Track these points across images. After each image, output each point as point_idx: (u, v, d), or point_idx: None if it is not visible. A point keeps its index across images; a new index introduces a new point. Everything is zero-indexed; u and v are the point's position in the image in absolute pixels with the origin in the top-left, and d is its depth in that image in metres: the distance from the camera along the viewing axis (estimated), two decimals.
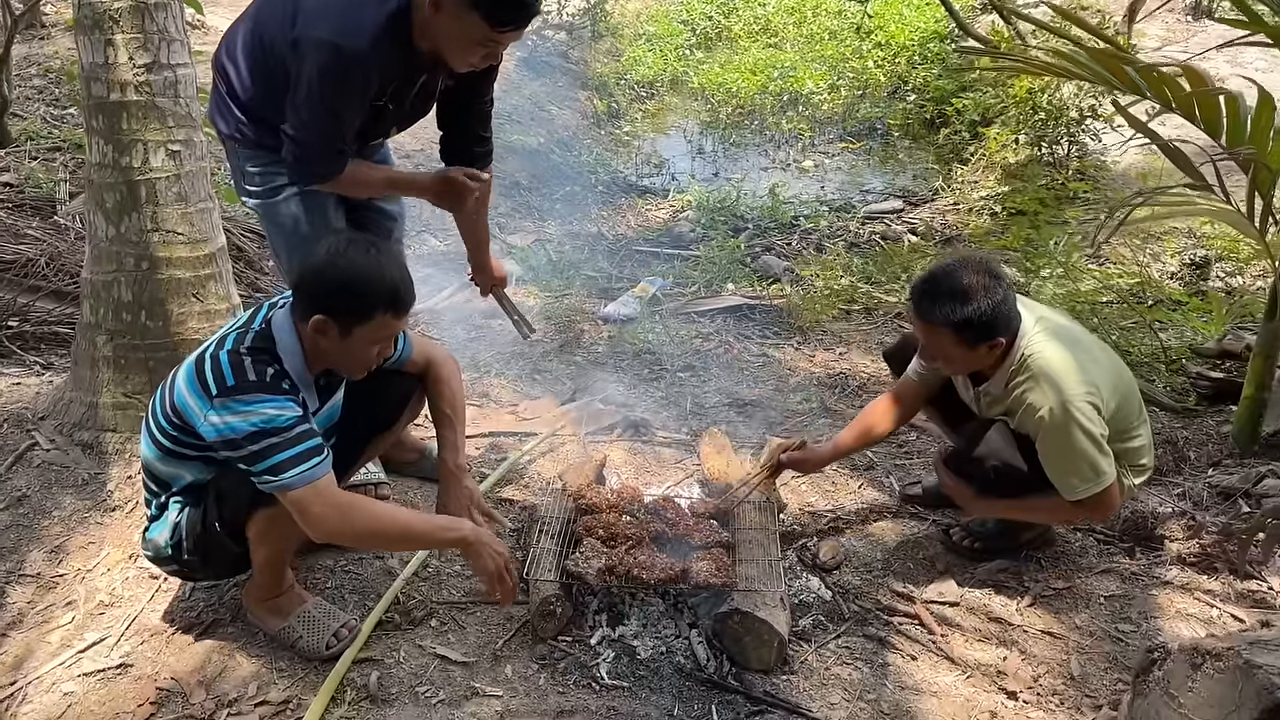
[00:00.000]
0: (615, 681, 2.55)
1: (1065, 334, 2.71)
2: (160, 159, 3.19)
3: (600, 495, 3.00)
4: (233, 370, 2.20)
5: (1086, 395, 2.58)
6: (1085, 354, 2.68)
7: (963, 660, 2.65)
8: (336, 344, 2.29)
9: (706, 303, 5.22)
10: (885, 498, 3.42)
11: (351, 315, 2.25)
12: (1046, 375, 2.61)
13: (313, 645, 2.56)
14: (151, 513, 2.49)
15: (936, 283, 2.62)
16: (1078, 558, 3.07)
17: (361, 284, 2.24)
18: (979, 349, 2.62)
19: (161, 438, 2.35)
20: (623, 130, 8.82)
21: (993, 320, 2.57)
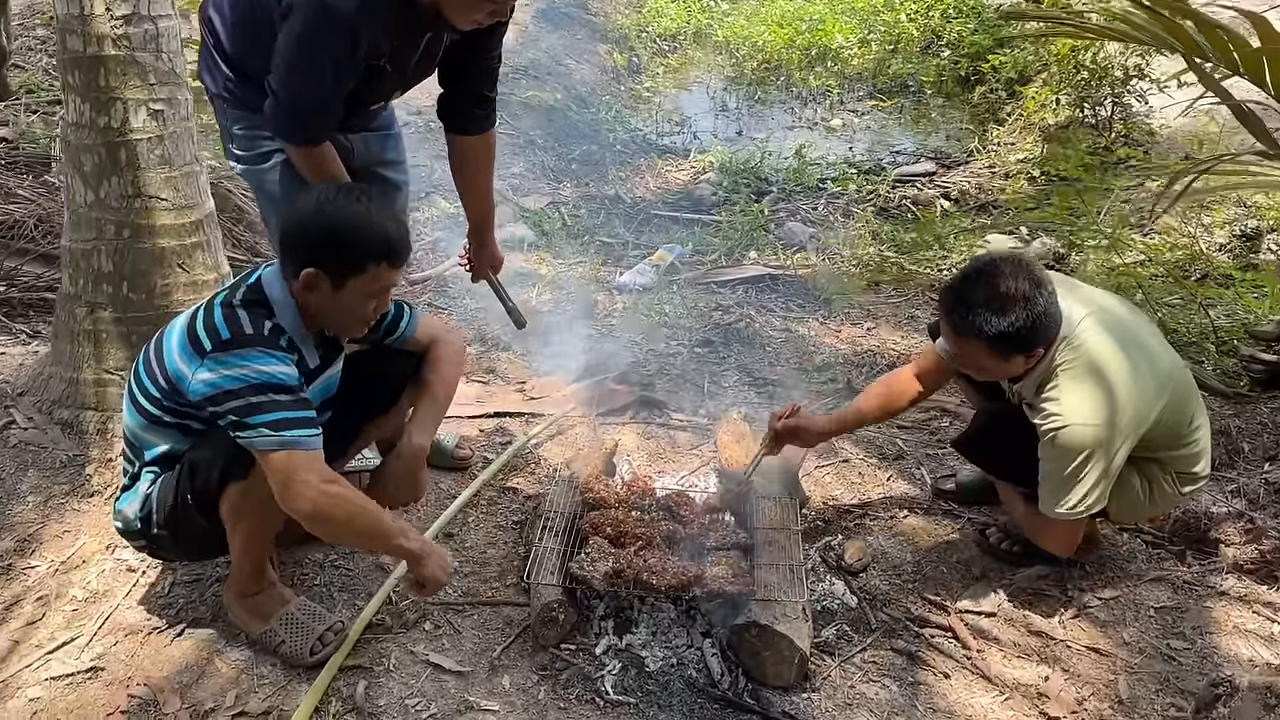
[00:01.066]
0: (621, 696, 2.35)
1: (1112, 338, 2.44)
2: (141, 119, 2.96)
3: (609, 489, 2.79)
4: (227, 324, 2.09)
5: (1106, 423, 2.34)
6: (1128, 364, 2.40)
7: (1000, 679, 2.43)
8: (329, 299, 2.16)
9: (727, 272, 4.96)
10: (916, 491, 3.19)
11: (343, 266, 2.12)
12: (1073, 391, 2.37)
13: (297, 651, 2.38)
14: (125, 481, 2.35)
15: (971, 289, 2.35)
16: (1125, 563, 2.84)
17: (351, 233, 2.10)
18: (1014, 360, 2.38)
19: (145, 401, 2.20)
20: (643, 86, 8.49)
21: (1031, 333, 2.31)
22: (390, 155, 2.96)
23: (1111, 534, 2.94)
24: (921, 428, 3.59)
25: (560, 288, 4.68)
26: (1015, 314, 2.27)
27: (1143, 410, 2.39)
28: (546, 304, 4.53)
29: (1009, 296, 2.28)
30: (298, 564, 2.69)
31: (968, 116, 8.10)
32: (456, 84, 2.81)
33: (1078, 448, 2.33)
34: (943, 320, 2.43)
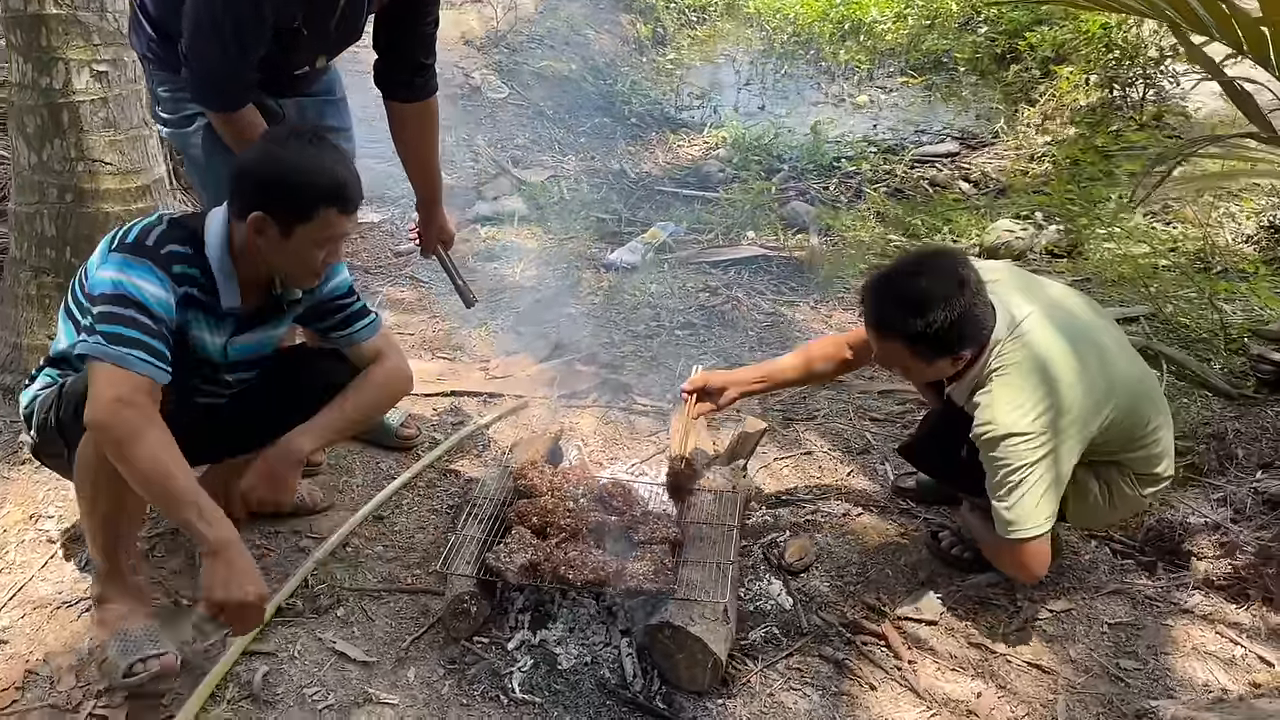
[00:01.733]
0: (527, 695, 2.25)
1: (1057, 335, 2.27)
2: (84, 80, 2.91)
3: (542, 476, 2.68)
4: (141, 230, 2.07)
5: (1045, 426, 2.18)
6: (1074, 362, 2.24)
7: (930, 694, 2.29)
8: (277, 244, 2.06)
9: (721, 252, 4.81)
10: (876, 488, 3.04)
11: (291, 212, 2.03)
12: (1007, 396, 2.20)
13: (113, 666, 2.17)
14: (33, 373, 2.30)
15: (888, 287, 2.23)
16: (1085, 574, 2.67)
17: (300, 176, 2.01)
18: (938, 363, 2.24)
19: (70, 302, 2.18)
20: (666, 58, 8.30)
21: (952, 334, 2.16)
22: (331, 121, 2.87)
23: (1077, 542, 2.78)
24: (895, 420, 3.44)
25: (546, 264, 4.58)
26: (935, 314, 2.13)
27: (1089, 410, 2.23)
28: (528, 280, 4.42)
29: (929, 296, 2.14)
30: None
31: (1000, 96, 7.82)
32: (392, 50, 2.71)
33: (1014, 457, 2.18)
34: (862, 316, 2.29)
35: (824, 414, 3.46)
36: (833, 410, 3.48)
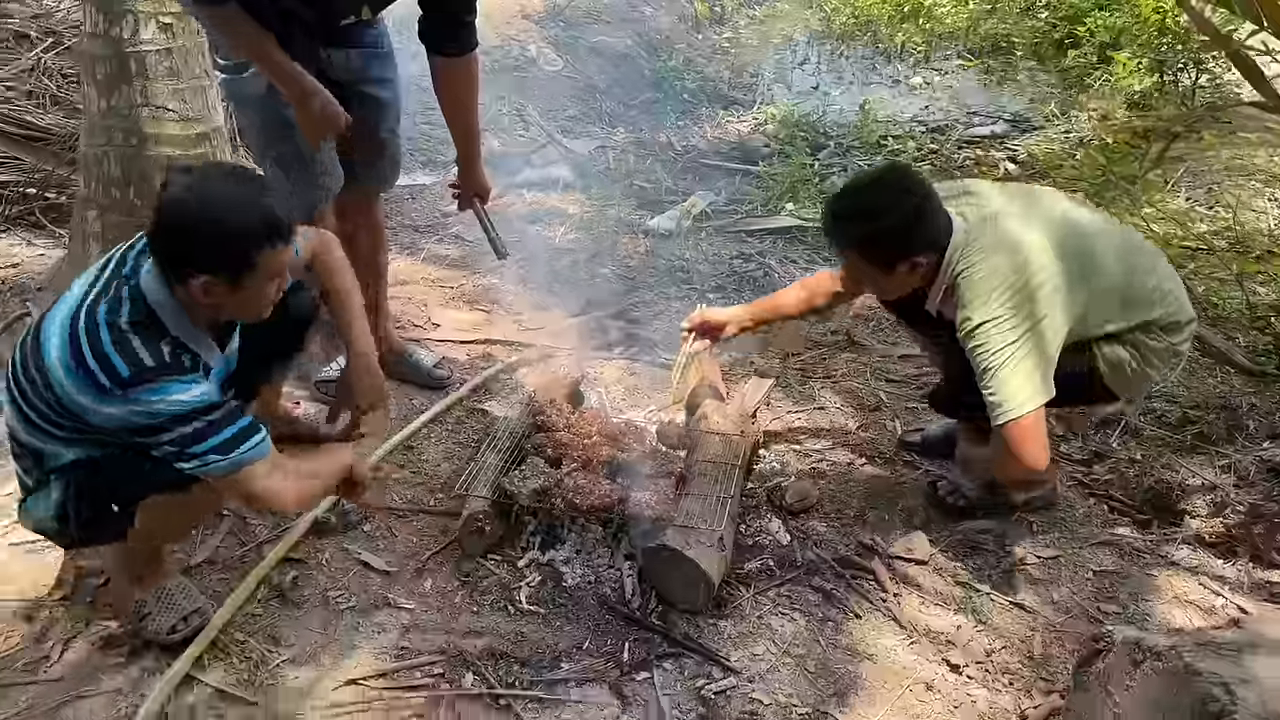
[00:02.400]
0: (533, 607, 2.43)
1: (1018, 221, 2.36)
2: (151, 31, 3.13)
3: (560, 415, 2.85)
4: (122, 356, 1.85)
5: (1019, 304, 2.25)
6: (1040, 246, 2.32)
7: (912, 624, 2.42)
8: (228, 298, 1.94)
9: (758, 222, 4.93)
10: (883, 442, 3.16)
11: (235, 266, 1.90)
12: (977, 285, 2.29)
13: (157, 626, 2.27)
14: (28, 483, 2.14)
15: (840, 203, 2.37)
16: (1078, 526, 2.77)
17: (233, 230, 1.86)
18: (896, 271, 2.34)
19: (32, 414, 1.99)
20: (722, 36, 8.40)
21: (903, 237, 2.28)
22: (376, 73, 3.01)
23: (1074, 497, 2.87)
24: (910, 382, 3.54)
25: (585, 228, 4.73)
26: (884, 219, 2.28)
27: (1067, 280, 2.30)
28: (567, 242, 4.58)
29: (874, 203, 2.30)
30: None
31: (1056, 80, 7.80)
32: (434, 5, 2.85)
33: (990, 342, 2.25)
34: (825, 235, 2.44)
35: (841, 373, 3.58)
36: (850, 370, 3.60)
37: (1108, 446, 3.14)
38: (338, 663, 2.26)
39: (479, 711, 2.16)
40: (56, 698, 2.15)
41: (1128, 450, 3.11)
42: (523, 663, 2.27)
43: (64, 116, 4.76)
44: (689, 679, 2.26)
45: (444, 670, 2.25)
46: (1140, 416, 3.30)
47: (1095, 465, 3.04)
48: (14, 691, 2.16)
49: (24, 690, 2.17)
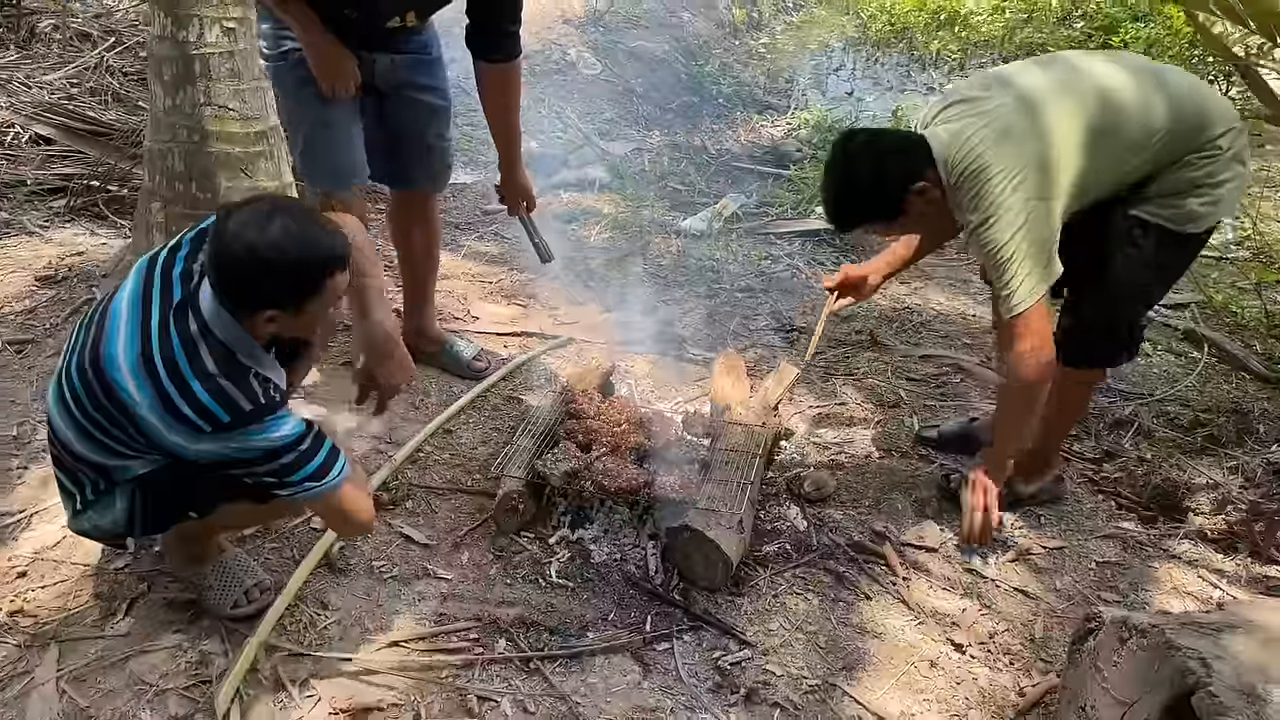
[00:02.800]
0: (562, 581, 2.59)
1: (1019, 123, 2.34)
2: (215, 34, 3.31)
3: (591, 403, 3.01)
4: (221, 405, 1.90)
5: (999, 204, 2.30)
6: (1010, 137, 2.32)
7: (919, 606, 2.55)
8: (292, 324, 2.01)
9: (788, 224, 5.08)
10: (901, 437, 3.29)
11: (298, 297, 1.96)
12: (958, 197, 2.37)
13: (219, 601, 2.41)
14: (86, 497, 2.19)
15: (824, 198, 2.49)
16: (1084, 520, 2.89)
17: (297, 264, 1.92)
18: (910, 210, 2.43)
19: (100, 435, 2.05)
20: (759, 42, 8.55)
21: (880, 190, 2.39)
22: (423, 80, 3.16)
23: (1078, 490, 2.99)
24: (930, 380, 3.67)
25: (620, 227, 4.90)
26: (854, 192, 2.41)
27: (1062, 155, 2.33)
28: (601, 241, 4.75)
29: (839, 185, 2.42)
30: None
31: None
32: (480, 13, 2.99)
33: (992, 240, 2.31)
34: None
35: (863, 371, 3.71)
36: (872, 369, 3.73)
37: (1119, 446, 3.25)
38: (381, 626, 2.43)
39: (510, 674, 2.32)
40: (123, 651, 2.33)
41: (1139, 450, 3.22)
42: (552, 631, 2.43)
43: (125, 112, 5.01)
44: (707, 650, 2.40)
45: (478, 636, 2.41)
46: (1153, 419, 3.41)
47: (1105, 463, 3.16)
48: (83, 645, 2.35)
49: (93, 644, 2.35)
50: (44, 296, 3.66)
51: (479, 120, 6.16)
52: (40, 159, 4.70)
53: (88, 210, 4.45)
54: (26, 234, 4.22)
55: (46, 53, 5.81)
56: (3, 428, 3.03)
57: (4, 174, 4.54)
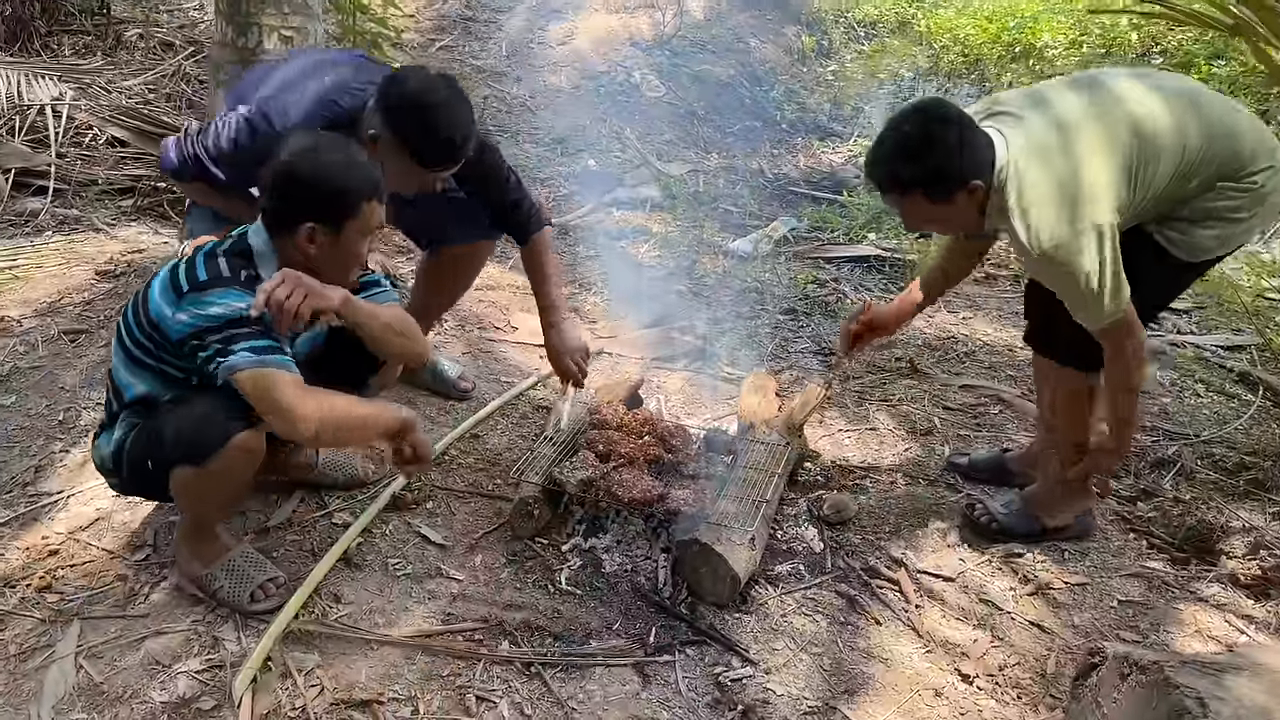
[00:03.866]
0: (571, 588, 2.60)
1: (1047, 136, 2.34)
2: (273, 42, 3.44)
3: (615, 414, 3.02)
4: (206, 268, 2.16)
5: (1070, 228, 2.27)
6: (1079, 156, 2.31)
7: (929, 635, 2.51)
8: (328, 248, 2.21)
9: (838, 249, 5.05)
10: (930, 464, 3.24)
11: (340, 213, 2.18)
12: (1026, 219, 2.31)
13: (234, 596, 2.45)
14: (104, 419, 2.43)
15: (881, 146, 2.39)
16: (1111, 557, 2.82)
17: (341, 180, 2.16)
18: (956, 200, 2.36)
19: (129, 343, 2.28)
20: (828, 69, 8.52)
21: (952, 166, 2.30)
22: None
23: (1105, 526, 2.92)
24: (967, 410, 3.61)
25: (668, 246, 4.93)
26: (928, 155, 2.30)
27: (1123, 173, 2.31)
28: (649, 259, 4.78)
29: (916, 138, 2.32)
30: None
31: None
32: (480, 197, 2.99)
33: (1065, 266, 2.28)
34: (879, 190, 2.47)
35: (898, 398, 3.67)
36: (908, 396, 3.69)
37: (1158, 486, 3.16)
38: (390, 622, 2.46)
39: (511, 676, 2.33)
40: (141, 631, 2.40)
41: (1177, 490, 3.13)
42: (556, 636, 2.45)
43: (197, 117, 5.18)
44: (708, 665, 2.39)
45: (483, 637, 2.44)
46: (1196, 460, 3.31)
47: (1140, 502, 3.07)
48: (104, 623, 2.42)
49: (114, 623, 2.42)
50: (102, 290, 3.81)
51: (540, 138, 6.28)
52: (113, 160, 4.89)
53: (153, 210, 4.62)
54: (94, 230, 4.40)
55: (130, 59, 6.06)
56: (51, 412, 3.16)
57: (78, 173, 4.73)
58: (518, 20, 8.22)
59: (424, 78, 2.57)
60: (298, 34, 3.46)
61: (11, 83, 5.08)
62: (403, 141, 2.54)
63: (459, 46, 7.79)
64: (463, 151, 2.58)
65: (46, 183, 4.66)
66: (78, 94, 5.18)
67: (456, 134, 2.54)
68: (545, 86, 7.12)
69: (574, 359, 2.94)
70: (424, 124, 2.52)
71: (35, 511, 2.76)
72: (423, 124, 2.52)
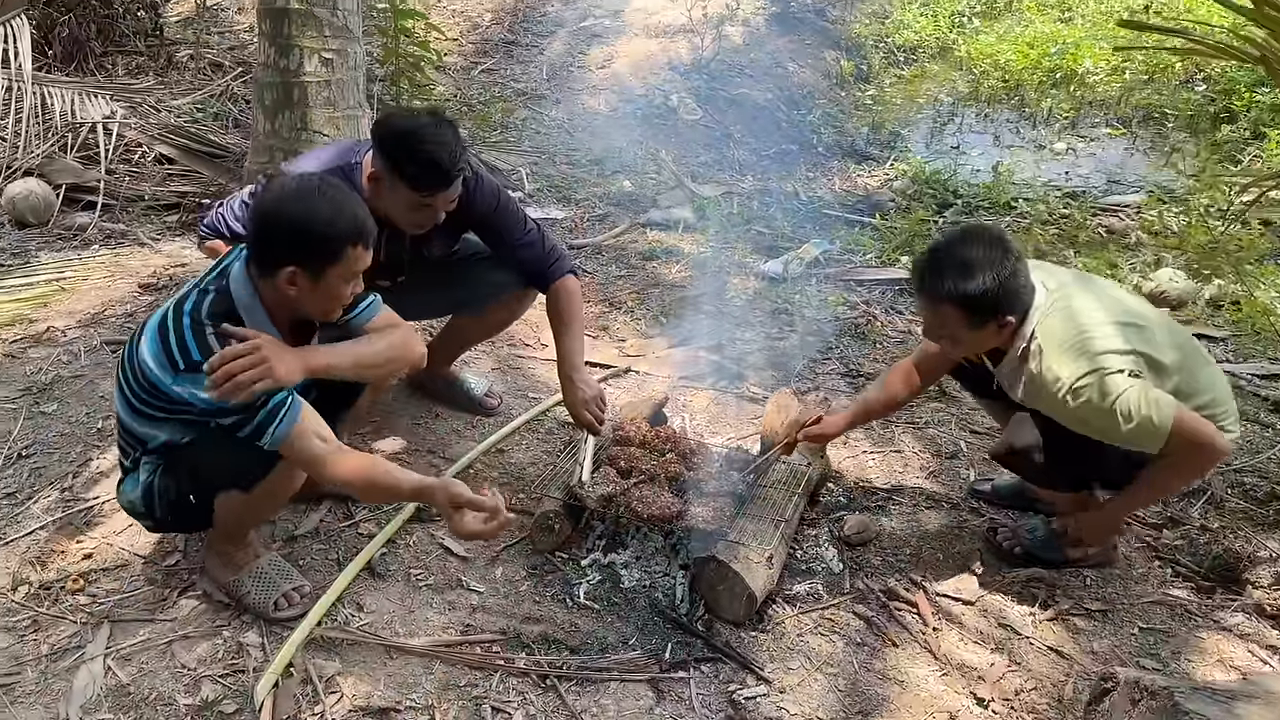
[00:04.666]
0: (589, 603, 2.63)
1: (1085, 301, 2.46)
2: (314, 64, 3.53)
3: (638, 431, 3.05)
4: (196, 342, 2.11)
5: (1103, 355, 2.35)
6: (1106, 317, 2.42)
7: (946, 658, 2.50)
8: (309, 291, 2.17)
9: (870, 272, 5.05)
10: (954, 488, 3.23)
11: (321, 258, 2.13)
12: (1058, 357, 2.37)
13: (260, 603, 2.50)
14: (125, 465, 2.43)
15: (939, 255, 2.45)
16: (1134, 584, 2.79)
17: (324, 225, 2.11)
18: (987, 328, 2.43)
19: (132, 399, 2.25)
20: (866, 94, 8.54)
21: (1000, 295, 2.37)
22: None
23: (1129, 554, 2.89)
24: (994, 434, 3.59)
25: (700, 267, 4.95)
26: (982, 277, 2.36)
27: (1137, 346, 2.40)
28: (680, 279, 4.81)
29: (976, 260, 2.37)
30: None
31: (1206, 154, 7.62)
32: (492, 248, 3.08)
33: (1102, 391, 2.32)
34: (915, 287, 2.52)
35: (925, 421, 3.66)
36: (935, 419, 3.68)
37: (1185, 514, 3.13)
38: (410, 632, 2.50)
39: (527, 688, 2.36)
40: (168, 636, 2.46)
41: (1205, 519, 3.09)
42: (572, 650, 2.47)
43: (242, 136, 5.33)
44: (723, 683, 2.40)
45: (500, 648, 2.47)
46: (1227, 489, 3.27)
47: (1166, 529, 3.04)
48: (134, 627, 2.48)
49: (142, 626, 2.49)
50: (144, 302, 3.91)
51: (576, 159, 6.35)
52: (161, 176, 5.03)
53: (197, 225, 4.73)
54: (139, 245, 4.52)
55: (180, 79, 6.24)
56: (90, 420, 3.25)
57: (126, 189, 4.87)
58: (559, 45, 8.33)
59: (408, 111, 2.73)
60: (337, 56, 3.55)
61: (66, 101, 5.25)
62: (395, 170, 2.65)
63: (500, 70, 7.91)
64: (452, 173, 2.66)
65: (96, 198, 4.80)
66: (128, 112, 5.34)
67: (443, 154, 2.62)
68: (583, 109, 7.21)
69: (590, 410, 2.93)
70: (410, 149, 2.63)
71: (72, 516, 2.84)
72: (409, 150, 2.63)
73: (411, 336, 2.58)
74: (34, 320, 3.82)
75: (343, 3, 3.53)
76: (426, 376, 3.44)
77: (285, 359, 2.18)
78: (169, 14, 7.50)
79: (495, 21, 8.70)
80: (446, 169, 2.64)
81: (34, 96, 5.20)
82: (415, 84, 5.75)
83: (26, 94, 5.17)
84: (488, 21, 8.69)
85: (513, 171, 6.01)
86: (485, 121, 6.78)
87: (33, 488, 2.95)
